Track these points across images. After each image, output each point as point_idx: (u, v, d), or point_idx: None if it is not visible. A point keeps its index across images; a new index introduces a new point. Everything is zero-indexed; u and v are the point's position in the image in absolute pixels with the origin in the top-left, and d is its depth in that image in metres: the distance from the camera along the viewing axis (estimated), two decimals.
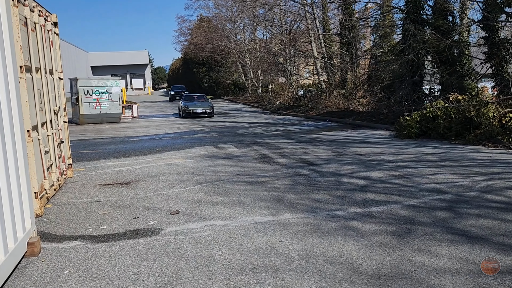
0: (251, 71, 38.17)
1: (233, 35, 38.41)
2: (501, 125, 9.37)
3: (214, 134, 13.61)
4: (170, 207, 5.33)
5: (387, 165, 7.51)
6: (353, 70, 21.03)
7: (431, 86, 15.74)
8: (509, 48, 13.06)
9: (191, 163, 8.38)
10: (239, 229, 4.46)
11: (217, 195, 5.84)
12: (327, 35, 23.81)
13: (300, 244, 3.98)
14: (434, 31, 13.93)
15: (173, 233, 4.39)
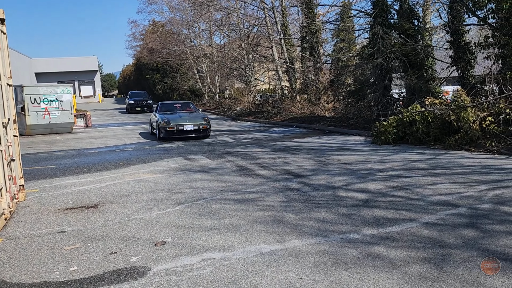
0: (208, 77, 37.25)
1: (189, 40, 37.36)
2: (481, 129, 9.21)
3: (179, 144, 12.69)
4: (153, 236, 4.48)
5: (379, 174, 7.02)
6: (316, 75, 20.77)
7: (400, 90, 15.69)
8: (474, 52, 13.19)
9: (163, 178, 7.49)
10: (244, 263, 3.71)
11: (205, 218, 5.04)
12: (288, 39, 23.47)
13: (326, 282, 3.29)
14: (401, 35, 13.84)
15: (164, 273, 3.57)
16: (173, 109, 15.01)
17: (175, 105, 15.68)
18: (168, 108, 15.20)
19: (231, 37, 30.71)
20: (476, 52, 13.07)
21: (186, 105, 15.95)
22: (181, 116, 13.75)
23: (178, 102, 17.22)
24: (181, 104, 16.00)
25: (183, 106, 15.72)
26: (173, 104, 15.90)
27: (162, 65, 42.36)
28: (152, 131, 14.82)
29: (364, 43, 17.22)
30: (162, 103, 15.77)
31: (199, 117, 13.92)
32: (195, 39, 37.34)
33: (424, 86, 13.54)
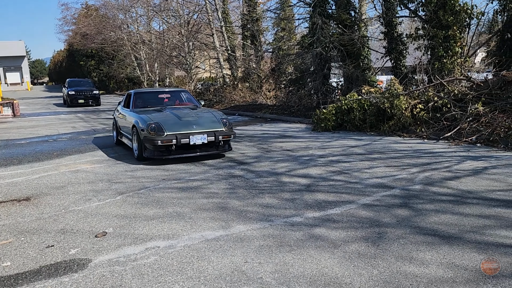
0: (147, 64, 36.12)
1: (126, 26, 35.92)
2: (412, 116, 9.78)
3: None
4: (93, 228, 4.31)
5: (320, 160, 7.24)
6: (257, 63, 20.87)
7: (338, 79, 16.19)
8: (406, 43, 13.90)
9: (102, 168, 7.21)
10: (190, 250, 3.69)
11: (148, 207, 4.93)
12: (229, 27, 23.32)
13: (271, 264, 3.36)
14: (339, 26, 14.25)
15: (106, 264, 3.46)
16: (158, 103, 9.03)
17: (159, 96, 9.43)
18: (148, 100, 9.07)
19: (170, 23, 29.94)
20: (408, 43, 13.76)
21: (177, 96, 9.60)
22: (180, 117, 7.63)
23: (164, 90, 10.13)
24: (171, 94, 9.59)
25: (174, 97, 9.47)
26: (157, 94, 9.61)
27: (97, 51, 40.53)
28: (120, 139, 9.27)
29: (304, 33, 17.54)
30: (138, 93, 9.21)
31: (211, 118, 7.79)
32: (132, 25, 35.99)
33: (361, 75, 14.08)
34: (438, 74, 10.78)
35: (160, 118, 7.51)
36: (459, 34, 11.37)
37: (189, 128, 7.31)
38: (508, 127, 8.19)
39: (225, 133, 7.54)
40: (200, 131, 7.31)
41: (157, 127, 7.18)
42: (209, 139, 7.31)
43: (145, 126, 7.25)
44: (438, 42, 11.29)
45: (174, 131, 7.17)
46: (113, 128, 10.06)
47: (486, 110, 8.90)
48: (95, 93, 24.71)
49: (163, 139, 7.06)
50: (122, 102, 9.71)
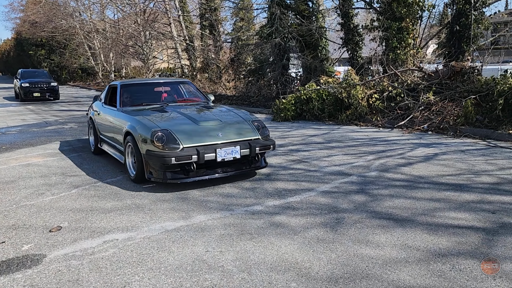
0: (102, 54, 34.95)
1: (78, 14, 34.51)
2: (368, 105, 10.06)
3: (72, 125, 11.82)
4: (47, 222, 4.15)
5: (280, 149, 7.32)
6: (216, 53, 20.70)
7: (297, 69, 16.36)
8: (362, 34, 14.23)
9: (56, 161, 6.94)
10: (149, 241, 3.63)
11: (105, 200, 4.80)
12: (187, 16, 22.95)
13: (232, 252, 3.38)
14: (298, 16, 14.37)
15: (62, 259, 3.35)
16: (155, 99, 6.67)
17: (156, 89, 7.06)
18: (141, 96, 6.74)
19: (125, 12, 29.06)
20: (364, 35, 14.12)
21: (178, 89, 7.27)
22: (195, 120, 5.46)
23: (161, 81, 7.52)
24: (170, 87, 7.22)
25: (174, 91, 7.17)
26: (152, 87, 7.20)
27: (47, 40, 38.72)
28: (100, 147, 7.06)
29: (262, 23, 17.56)
30: (126, 85, 6.82)
31: (239, 120, 5.65)
32: (85, 13, 34.63)
33: (319, 66, 14.30)
34: (392, 64, 11.13)
35: (168, 123, 5.24)
36: (412, 26, 11.78)
37: (212, 137, 5.05)
38: (457, 115, 8.60)
39: (263, 143, 5.28)
40: (229, 141, 5.08)
41: (168, 136, 4.88)
42: (242, 153, 5.06)
43: (148, 135, 4.92)
44: (392, 34, 11.63)
45: (193, 143, 4.91)
46: (89, 131, 7.57)
47: (436, 99, 9.29)
48: (53, 86, 21.45)
49: (178, 155, 4.74)
50: (102, 98, 7.23)
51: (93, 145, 7.45)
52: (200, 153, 4.83)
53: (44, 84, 21.11)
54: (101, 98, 7.43)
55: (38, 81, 21.21)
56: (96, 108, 7.33)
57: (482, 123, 8.22)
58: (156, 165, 5.00)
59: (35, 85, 20.78)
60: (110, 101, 6.96)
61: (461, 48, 11.81)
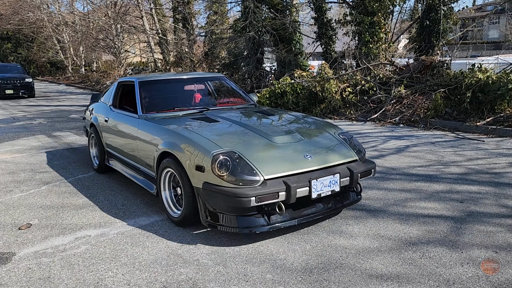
0: (71, 48, 34.03)
1: (46, 6, 33.43)
2: (342, 99, 10.18)
3: (41, 120, 11.48)
4: (16, 220, 4.03)
5: None
6: (190, 47, 20.49)
7: (272, 63, 16.38)
8: (335, 29, 14.37)
9: (24, 158, 6.74)
10: (123, 237, 3.58)
11: (77, 196, 4.70)
12: (160, 9, 22.60)
13: (207, 246, 3.36)
14: (271, 10, 14.37)
15: (32, 256, 3.26)
16: (187, 101, 5.07)
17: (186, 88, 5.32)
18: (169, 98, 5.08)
19: (95, 4, 28.38)
20: (337, 29, 14.26)
21: (209, 86, 5.49)
22: (266, 134, 3.74)
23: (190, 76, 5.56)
24: (204, 84, 5.49)
25: (207, 89, 5.47)
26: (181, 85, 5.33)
27: (14, 33, 37.38)
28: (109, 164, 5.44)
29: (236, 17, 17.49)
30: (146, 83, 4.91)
31: (323, 134, 4.02)
32: (53, 5, 33.61)
33: (293, 60, 14.37)
34: (365, 58, 11.30)
35: (230, 139, 3.61)
36: (384, 21, 11.98)
37: (300, 161, 3.46)
38: (427, 108, 8.82)
39: (364, 167, 3.72)
40: (323, 166, 3.50)
41: (238, 163, 3.27)
42: (342, 183, 3.51)
43: (207, 159, 3.27)
44: (365, 28, 11.79)
45: (276, 171, 3.31)
46: (90, 141, 5.93)
47: (407, 92, 9.49)
48: (28, 82, 19.13)
49: (260, 192, 3.13)
50: (108, 99, 5.48)
51: (95, 160, 5.77)
52: (290, 188, 3.17)
53: (17, 80, 18.93)
54: (104, 98, 5.78)
55: (11, 77, 18.94)
56: (100, 112, 5.56)
57: (451, 116, 8.45)
58: (221, 206, 3.31)
59: (7, 81, 18.67)
60: (121, 103, 5.27)
61: (431, 42, 12.10)
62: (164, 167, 3.78)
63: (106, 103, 5.54)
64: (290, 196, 3.21)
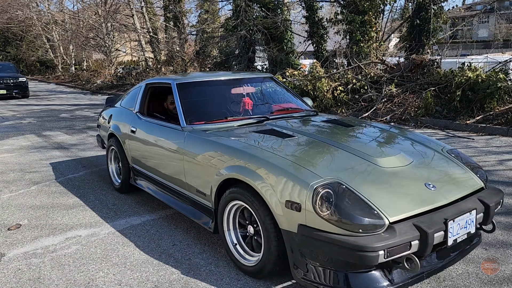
0: (61, 47, 33.73)
1: (35, 4, 33.08)
2: (333, 97, 10.20)
3: (31, 120, 11.36)
4: (5, 221, 3.98)
5: None
6: (181, 46, 20.40)
7: (263, 62, 16.37)
8: (327, 27, 14.40)
9: (13, 157, 6.66)
10: (114, 237, 3.55)
11: (67, 196, 4.66)
12: (150, 8, 22.47)
13: (199, 245, 3.35)
14: (263, 8, 14.36)
15: (22, 257, 3.22)
16: (234, 107, 3.96)
17: (233, 91, 4.13)
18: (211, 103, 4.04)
19: (85, 2, 28.16)
20: (328, 28, 14.28)
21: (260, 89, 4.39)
22: (366, 154, 2.77)
23: (233, 75, 4.51)
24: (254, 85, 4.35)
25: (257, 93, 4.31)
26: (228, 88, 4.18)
27: (2, 32, 36.95)
28: (135, 184, 4.50)
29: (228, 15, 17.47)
30: (184, 85, 3.91)
31: (431, 154, 3.08)
32: (43, 4, 33.28)
33: (285, 59, 14.37)
34: (356, 57, 11.34)
35: (327, 164, 2.71)
36: (375, 20, 12.03)
37: (423, 192, 2.54)
38: (418, 106, 8.88)
39: (495, 196, 2.78)
40: (453, 199, 2.58)
41: (349, 199, 2.31)
42: (477, 220, 2.62)
43: (305, 194, 2.33)
44: (356, 27, 11.83)
45: (402, 210, 2.36)
46: (109, 156, 4.96)
47: (398, 91, 9.55)
48: (22, 81, 18.09)
49: (390, 243, 2.17)
50: (134, 105, 4.48)
51: (117, 180, 4.84)
52: (427, 234, 2.25)
53: (10, 80, 17.81)
54: (125, 103, 4.79)
55: (3, 76, 17.84)
56: (124, 120, 4.55)
57: (441, 114, 8.52)
58: (327, 260, 2.33)
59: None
60: (152, 110, 4.38)
61: (422, 41, 12.19)
62: (230, 199, 2.82)
63: (130, 109, 4.52)
64: (426, 246, 2.25)
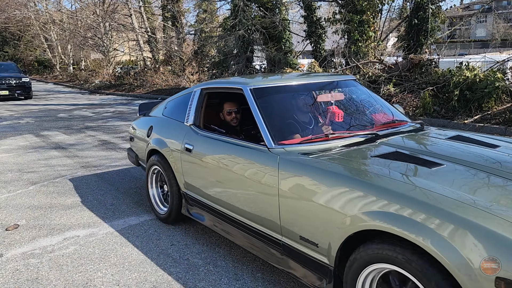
0: (59, 46, 33.68)
1: (33, 4, 33.01)
2: None
3: (29, 120, 11.34)
4: (3, 221, 3.98)
5: None
6: (179, 46, 20.39)
7: (261, 62, 16.36)
8: (325, 27, 14.40)
9: (11, 157, 6.65)
10: (112, 237, 3.55)
11: (65, 196, 4.65)
12: (148, 7, 22.44)
13: (197, 245, 3.35)
14: (261, 8, 14.35)
15: (20, 257, 3.22)
16: (321, 119, 3.07)
17: (320, 99, 3.19)
18: (295, 114, 3.03)
19: (83, 2, 28.10)
20: (327, 27, 14.27)
21: (344, 96, 3.36)
22: None
23: (314, 79, 3.40)
24: (339, 89, 3.41)
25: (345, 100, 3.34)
26: (309, 93, 3.23)
27: (0, 32, 36.90)
28: (186, 213, 3.61)
29: (226, 15, 17.45)
30: (262, 90, 3.01)
31: None
32: (40, 3, 33.20)
33: (283, 58, 14.36)
34: (354, 57, 11.34)
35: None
36: (373, 19, 12.03)
37: None
38: (416, 106, 8.89)
39: None
40: None
41: None
42: None
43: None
44: (354, 27, 11.83)
45: None
46: (150, 178, 4.06)
47: (396, 91, 9.56)
48: (25, 81, 17.45)
49: None
50: (183, 113, 3.67)
51: (162, 209, 3.92)
52: None
53: (12, 80, 17.18)
54: (170, 112, 3.93)
55: (5, 76, 17.18)
56: (173, 134, 3.63)
57: (439, 114, 8.53)
58: None
59: (1, 81, 17.00)
60: (213, 123, 3.53)
61: (419, 41, 12.19)
62: (371, 260, 1.95)
63: (180, 121, 3.62)
64: None
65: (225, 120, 3.55)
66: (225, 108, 3.52)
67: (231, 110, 3.49)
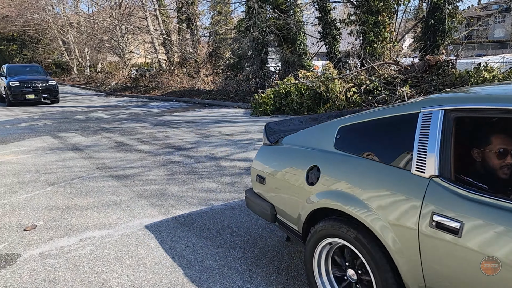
0: (76, 49, 34.18)
1: (51, 7, 33.58)
2: (346, 99, 10.14)
3: (47, 121, 11.53)
4: (21, 221, 4.04)
5: (259, 144, 7.31)
6: (194, 48, 20.51)
7: (276, 64, 16.36)
8: (340, 28, 14.32)
9: (29, 159, 6.76)
10: (128, 238, 3.58)
11: (81, 197, 4.70)
12: (164, 10, 22.64)
13: (212, 247, 3.35)
14: (275, 10, 14.36)
15: (37, 258, 3.26)
16: None
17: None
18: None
19: (100, 5, 28.49)
20: (341, 29, 14.20)
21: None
22: None
23: None
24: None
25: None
26: None
27: (19, 35, 37.59)
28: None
29: (240, 17, 17.49)
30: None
31: None
32: (58, 6, 33.74)
33: (297, 60, 14.34)
34: (369, 58, 11.25)
35: None
36: (388, 20, 11.92)
37: None
38: None
39: None
40: None
41: None
42: None
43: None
44: (369, 28, 11.75)
45: None
46: (319, 259, 2.40)
47: (413, 92, 9.44)
48: (52, 84, 16.67)
49: None
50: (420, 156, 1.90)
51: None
52: None
53: (39, 83, 16.29)
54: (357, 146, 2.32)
55: (31, 79, 16.35)
56: (378, 191, 2.04)
57: None
58: None
59: (27, 84, 16.06)
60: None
61: (436, 42, 12.04)
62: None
63: (395, 166, 2.03)
64: None
65: (488, 166, 1.99)
66: (495, 144, 1.97)
67: (502, 149, 1.95)
